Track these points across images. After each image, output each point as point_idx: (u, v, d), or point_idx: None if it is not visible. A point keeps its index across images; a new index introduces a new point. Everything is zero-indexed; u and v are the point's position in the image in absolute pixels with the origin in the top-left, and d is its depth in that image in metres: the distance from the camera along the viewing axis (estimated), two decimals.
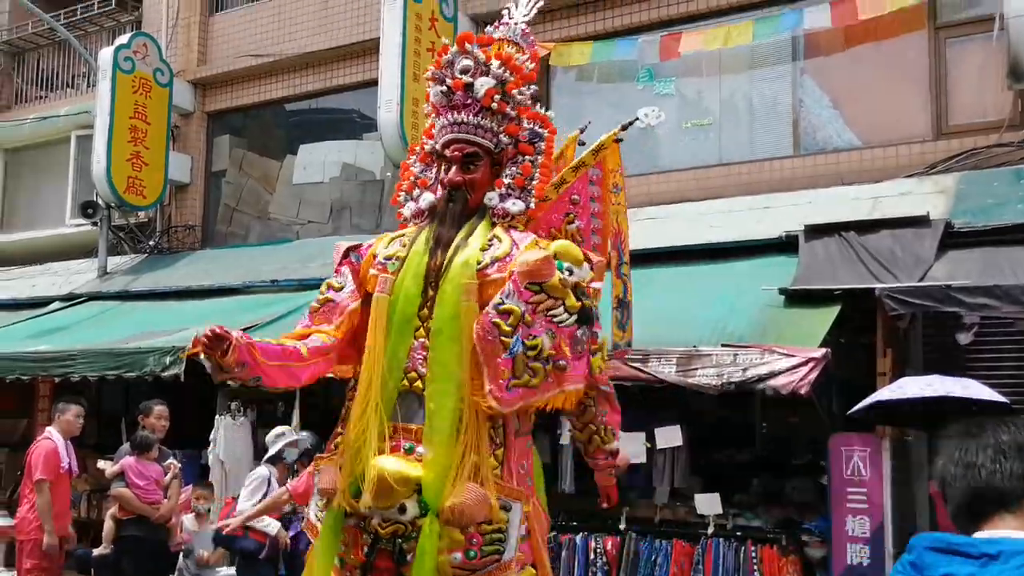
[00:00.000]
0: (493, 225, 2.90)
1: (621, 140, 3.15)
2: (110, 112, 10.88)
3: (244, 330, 2.87)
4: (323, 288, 3.01)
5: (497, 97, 2.89)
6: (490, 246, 2.82)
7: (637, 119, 3.27)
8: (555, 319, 2.64)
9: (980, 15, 7.60)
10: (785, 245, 6.96)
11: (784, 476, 7.14)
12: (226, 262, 10.62)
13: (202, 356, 2.66)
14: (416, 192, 3.08)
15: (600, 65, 8.92)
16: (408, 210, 3.07)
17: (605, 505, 3.34)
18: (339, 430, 2.91)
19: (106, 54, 11.03)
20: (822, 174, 7.86)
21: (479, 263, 2.78)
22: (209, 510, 7.09)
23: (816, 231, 6.81)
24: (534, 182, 2.95)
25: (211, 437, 8.33)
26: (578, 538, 6.70)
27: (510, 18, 3.14)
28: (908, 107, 7.85)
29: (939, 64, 7.74)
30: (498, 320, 2.60)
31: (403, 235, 3.00)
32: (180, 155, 11.72)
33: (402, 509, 2.65)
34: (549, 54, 8.97)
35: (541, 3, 3.22)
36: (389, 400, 2.75)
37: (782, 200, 7.70)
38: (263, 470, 6.21)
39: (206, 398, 8.59)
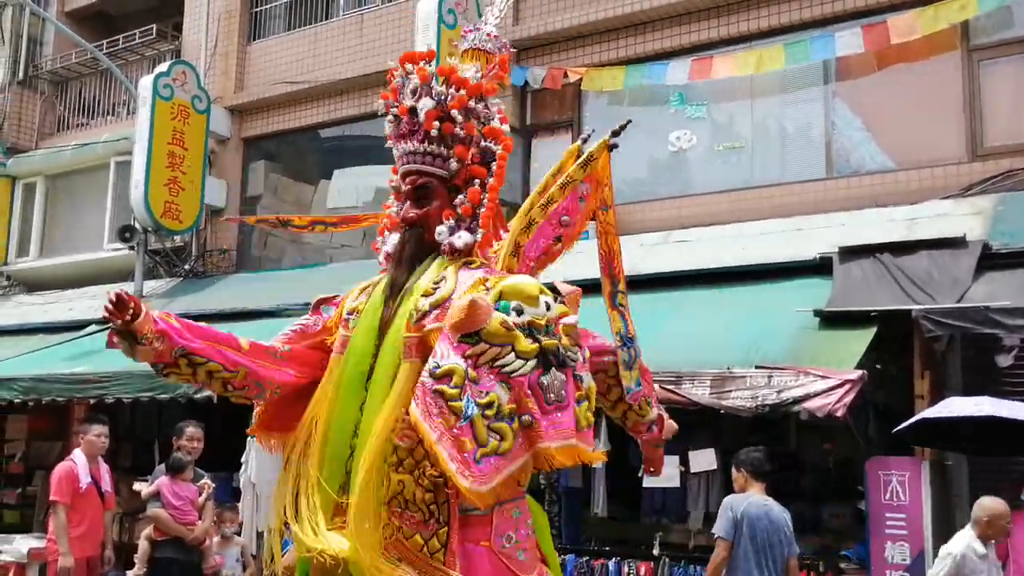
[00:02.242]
0: (449, 264, 2.57)
1: (615, 147, 2.66)
2: (149, 138, 11.11)
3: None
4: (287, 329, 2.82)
5: (437, 121, 2.57)
6: (435, 290, 2.47)
7: (630, 121, 2.72)
8: (504, 368, 2.21)
9: (1014, 37, 7.56)
10: (819, 267, 6.91)
11: (820, 502, 7.02)
12: (260, 286, 10.74)
13: (115, 335, 2.44)
14: (387, 234, 2.78)
15: (632, 89, 8.98)
16: (381, 255, 2.77)
17: (651, 470, 3.01)
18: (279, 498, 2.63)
19: (146, 82, 11.30)
20: (855, 196, 7.81)
21: (417, 311, 2.44)
22: (236, 532, 7.09)
23: (851, 252, 6.75)
24: (482, 209, 2.59)
25: (243, 459, 8.37)
26: (611, 563, 6.64)
27: (484, 24, 2.83)
28: (942, 129, 7.79)
29: (973, 86, 7.69)
30: (440, 387, 2.16)
31: (371, 285, 2.70)
32: (216, 180, 11.93)
33: None
34: (581, 79, 9.06)
35: (507, 6, 2.93)
36: (338, 470, 2.45)
37: (815, 222, 7.66)
38: None
39: (238, 420, 8.65)
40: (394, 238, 2.71)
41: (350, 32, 11.11)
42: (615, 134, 2.67)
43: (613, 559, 6.65)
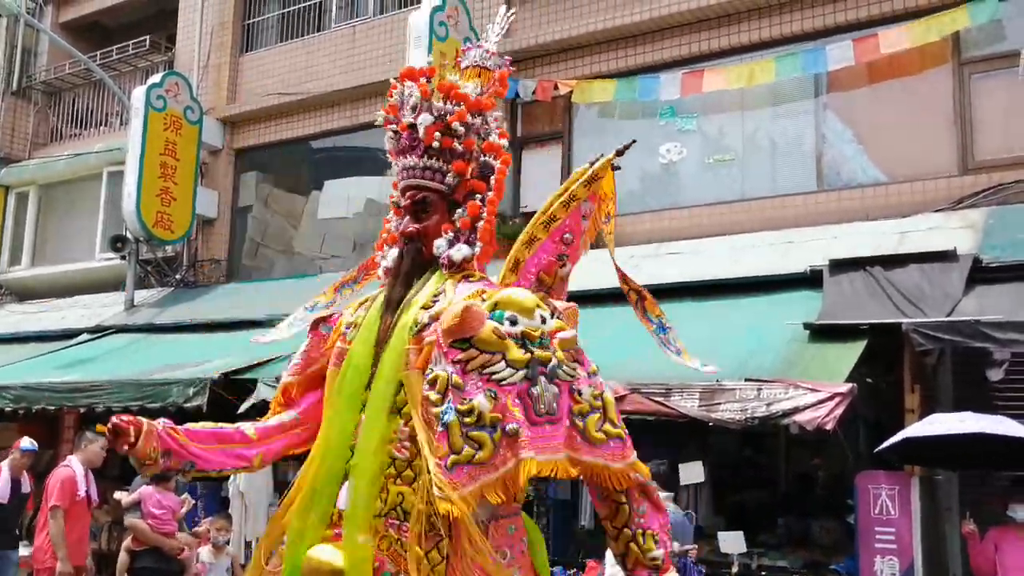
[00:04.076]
0: (446, 278, 2.56)
1: (618, 168, 2.70)
2: (141, 148, 11.12)
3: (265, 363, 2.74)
4: (283, 376, 2.78)
5: (438, 134, 2.58)
6: (434, 303, 2.46)
7: (634, 141, 2.75)
8: (493, 376, 2.20)
9: (1005, 51, 7.58)
10: (810, 280, 6.90)
11: (810, 516, 6.99)
12: (250, 296, 10.71)
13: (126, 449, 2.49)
14: (386, 249, 2.77)
15: (622, 102, 8.99)
16: (381, 270, 2.76)
17: None
18: (280, 513, 2.63)
19: (139, 93, 11.31)
20: (846, 209, 7.82)
21: (416, 324, 2.42)
22: (227, 542, 7.04)
23: (841, 265, 6.74)
24: (480, 223, 2.60)
25: None
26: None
27: (485, 41, 2.84)
28: (933, 142, 7.80)
29: (964, 99, 7.71)
30: (428, 393, 2.22)
31: (369, 299, 2.69)
32: (208, 191, 11.92)
33: None
34: (571, 91, 9.07)
35: (508, 23, 2.90)
36: (335, 482, 2.43)
37: (806, 235, 7.65)
38: None
39: None
40: (393, 253, 2.69)
41: (342, 44, 11.13)
42: (619, 154, 2.69)
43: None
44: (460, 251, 2.56)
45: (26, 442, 7.06)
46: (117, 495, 6.59)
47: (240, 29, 12.28)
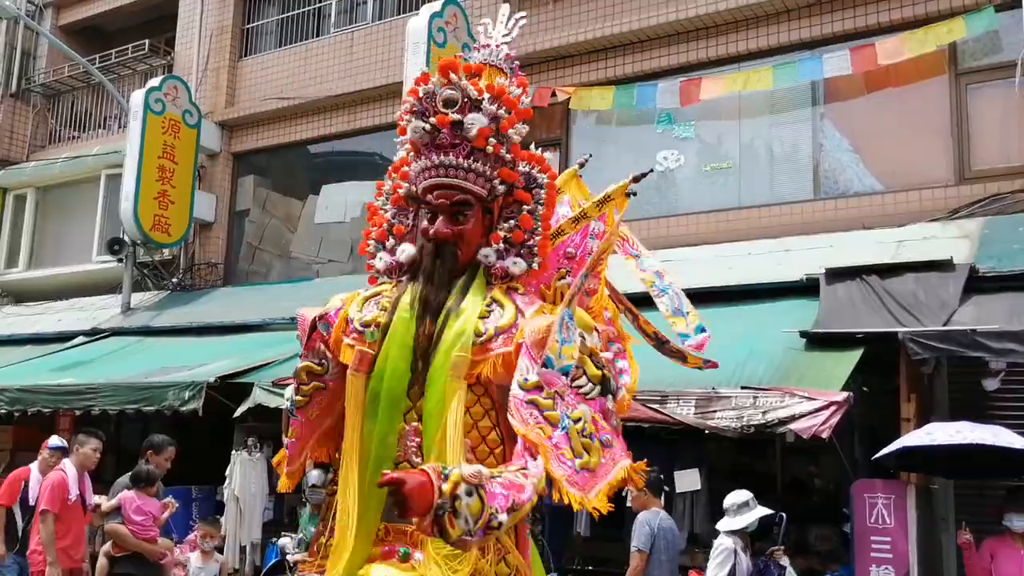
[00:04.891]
0: (488, 286, 2.47)
1: (634, 194, 2.62)
2: (139, 151, 11.12)
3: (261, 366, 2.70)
4: (302, 376, 2.56)
5: (492, 139, 2.45)
6: (490, 313, 2.38)
7: (652, 170, 2.68)
8: (580, 389, 2.22)
9: (1002, 61, 7.61)
10: (806, 288, 6.91)
11: (806, 524, 6.98)
12: (247, 299, 10.71)
13: None
14: (390, 242, 2.62)
15: (620, 109, 9.00)
16: (381, 262, 2.62)
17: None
18: (321, 528, 2.53)
19: (137, 96, 11.32)
20: (843, 218, 7.83)
21: (479, 334, 2.34)
22: (216, 548, 6.99)
23: (837, 274, 6.75)
24: (536, 236, 2.52)
25: (227, 473, 8.31)
26: None
27: (488, 38, 2.69)
28: (930, 152, 7.83)
29: (960, 110, 7.74)
30: (533, 397, 2.17)
31: (379, 294, 2.53)
32: (205, 194, 11.93)
33: None
34: (569, 98, 9.08)
35: (523, 22, 2.75)
36: (379, 496, 2.27)
37: (802, 243, 7.67)
38: (729, 542, 5.55)
39: (223, 434, 8.60)
40: (410, 249, 2.56)
41: (340, 49, 11.15)
42: (636, 180, 2.64)
43: None
44: (518, 264, 2.49)
45: (55, 440, 6.79)
46: (96, 499, 6.46)
47: (239, 33, 12.30)
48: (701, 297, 7.26)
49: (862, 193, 8.03)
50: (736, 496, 5.62)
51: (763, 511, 5.58)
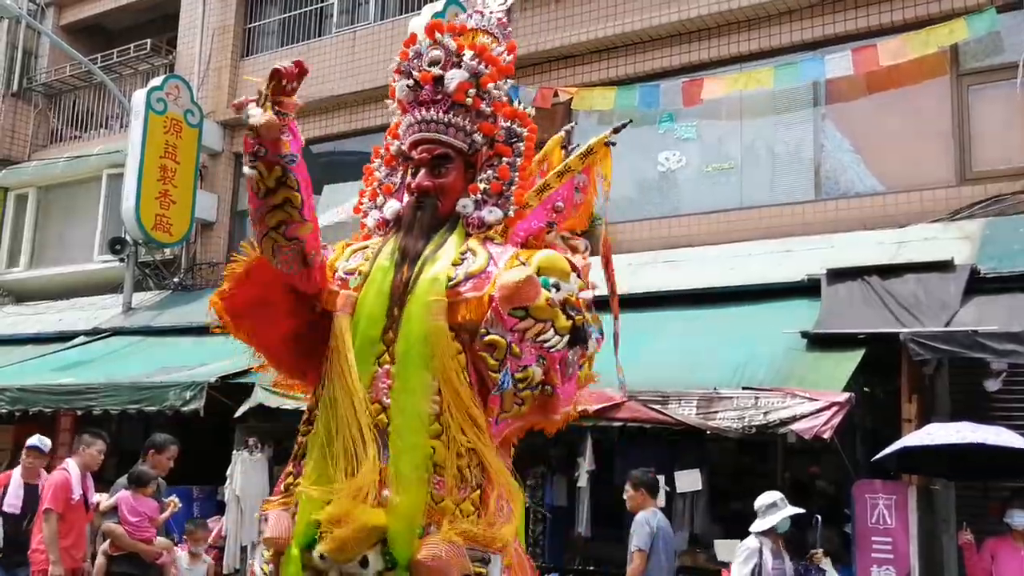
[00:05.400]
0: (467, 236, 2.55)
1: (613, 144, 2.68)
2: (141, 151, 11.12)
3: (262, 366, 2.70)
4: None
5: (471, 92, 2.55)
6: (463, 260, 2.46)
7: (631, 121, 2.77)
8: (545, 344, 2.31)
9: (1003, 62, 7.60)
10: (807, 289, 6.91)
11: (807, 525, 6.98)
12: None
13: (263, 90, 2.33)
14: (380, 199, 2.72)
15: (621, 109, 9.00)
16: (372, 220, 2.71)
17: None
18: (290, 469, 2.54)
19: (139, 95, 11.32)
20: (844, 219, 7.83)
21: (450, 279, 2.41)
22: (216, 548, 6.96)
23: (838, 275, 6.75)
24: (513, 187, 2.60)
25: (228, 473, 8.32)
26: None
27: (484, 6, 2.79)
28: (931, 153, 7.83)
29: (962, 111, 7.74)
30: (483, 354, 2.29)
31: (366, 247, 2.63)
32: (207, 194, 11.93)
33: (364, 562, 2.27)
34: (571, 99, 9.08)
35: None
36: (356, 434, 2.35)
37: (803, 244, 7.67)
38: (754, 542, 5.59)
39: (224, 434, 8.60)
40: (394, 204, 2.65)
41: (343, 49, 11.15)
42: (615, 131, 2.72)
43: None
44: (494, 213, 2.57)
45: (33, 439, 6.62)
46: (96, 498, 6.46)
47: (241, 33, 12.30)
48: (702, 297, 7.35)
49: (863, 194, 8.03)
50: (764, 497, 5.64)
51: (792, 511, 5.57)
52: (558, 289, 2.34)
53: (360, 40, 11.08)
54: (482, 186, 2.60)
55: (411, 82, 2.59)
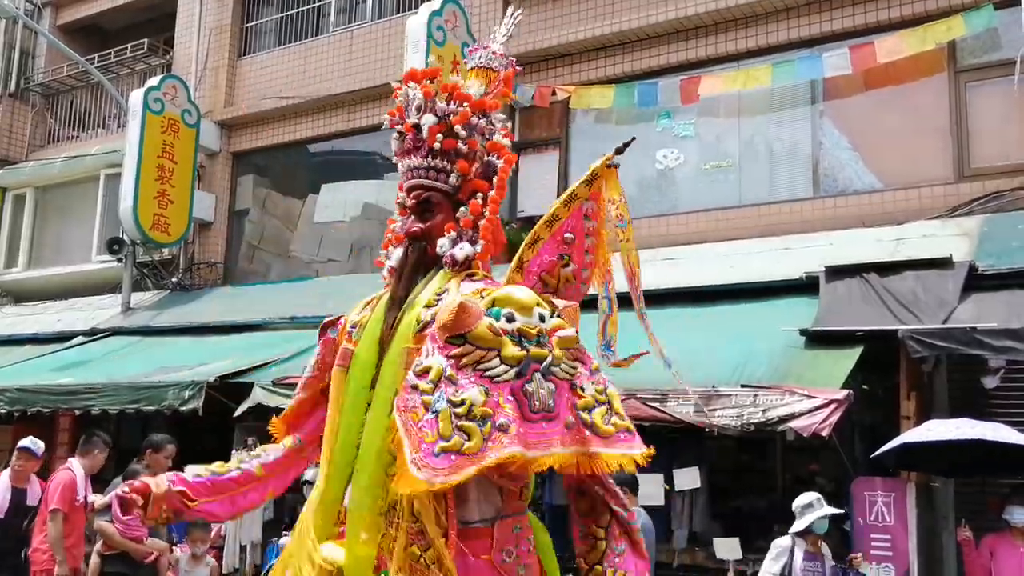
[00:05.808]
0: (452, 276, 2.56)
1: (616, 165, 2.65)
2: (139, 151, 11.12)
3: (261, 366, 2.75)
4: (297, 394, 2.84)
5: (440, 135, 2.61)
6: (438, 301, 2.45)
7: (633, 139, 2.70)
8: (487, 372, 2.19)
9: (1001, 59, 7.61)
10: (805, 286, 6.91)
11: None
12: (247, 299, 10.71)
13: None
14: (391, 249, 2.78)
15: (619, 107, 9.01)
16: (385, 270, 2.77)
17: None
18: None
19: (136, 95, 11.31)
20: (842, 216, 7.83)
21: (418, 322, 2.44)
22: (216, 548, 6.96)
23: (837, 272, 6.76)
24: (482, 221, 2.61)
25: None
26: None
27: (491, 42, 2.84)
28: (929, 150, 7.83)
29: (960, 107, 7.74)
30: (416, 382, 2.20)
31: (377, 298, 2.70)
32: (205, 194, 11.92)
33: None
34: (569, 97, 9.08)
35: (519, 18, 2.90)
36: (343, 479, 2.45)
37: (802, 241, 7.67)
38: (787, 541, 5.60)
39: (223, 433, 8.60)
40: (398, 252, 2.70)
41: (340, 48, 11.14)
42: (618, 152, 2.65)
43: None
44: (463, 249, 2.56)
45: (25, 441, 6.57)
46: (91, 497, 6.45)
47: (239, 32, 12.29)
48: (701, 295, 7.35)
49: (862, 191, 8.03)
50: (801, 498, 5.61)
51: (828, 511, 5.52)
52: (511, 320, 2.25)
53: (357, 39, 11.08)
54: (459, 223, 2.62)
55: (397, 133, 2.70)
